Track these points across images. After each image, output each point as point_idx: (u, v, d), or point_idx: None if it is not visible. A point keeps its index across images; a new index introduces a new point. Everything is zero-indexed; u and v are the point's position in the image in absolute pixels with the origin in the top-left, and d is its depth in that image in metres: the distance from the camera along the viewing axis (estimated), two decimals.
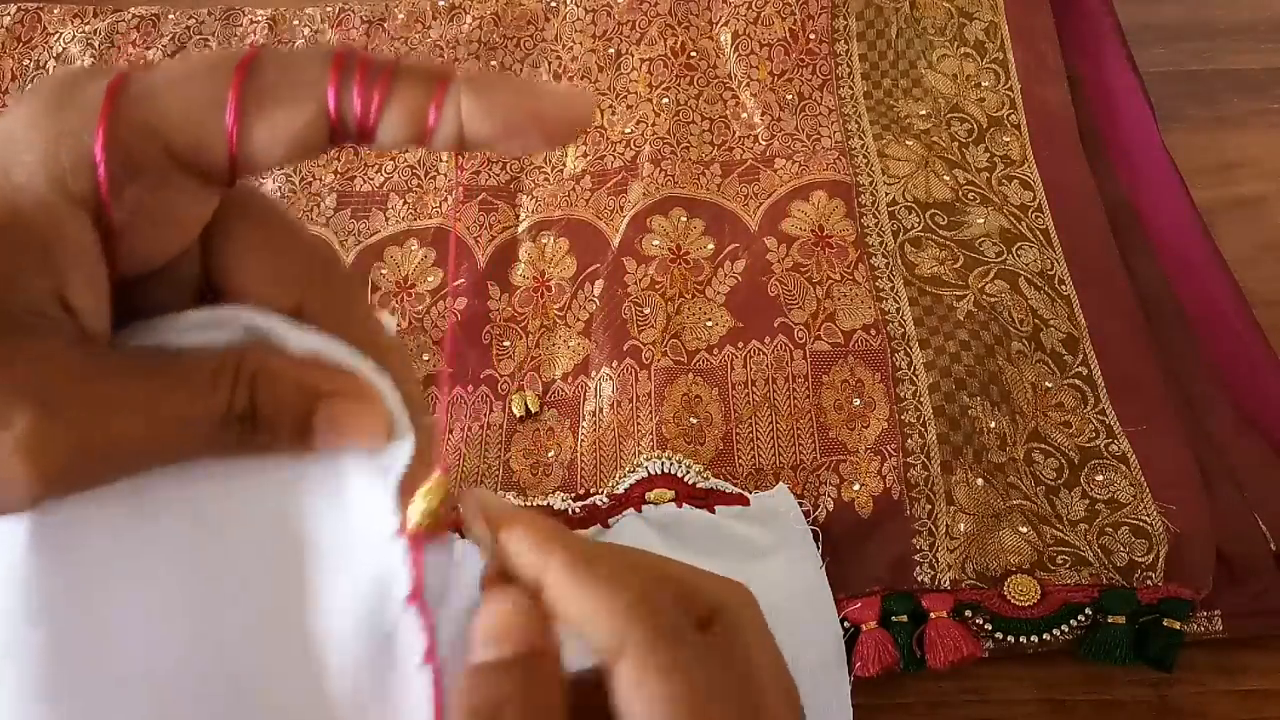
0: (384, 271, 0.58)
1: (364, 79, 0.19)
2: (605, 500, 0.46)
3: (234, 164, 0.19)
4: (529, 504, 0.47)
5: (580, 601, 0.22)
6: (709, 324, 0.53)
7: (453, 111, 0.19)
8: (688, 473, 0.47)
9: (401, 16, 0.72)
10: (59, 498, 0.19)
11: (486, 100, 0.19)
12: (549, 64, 0.68)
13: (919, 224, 0.56)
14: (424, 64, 0.20)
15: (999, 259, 0.54)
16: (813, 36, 0.66)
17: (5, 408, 0.17)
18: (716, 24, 0.68)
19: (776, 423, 0.49)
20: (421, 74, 0.19)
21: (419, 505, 0.21)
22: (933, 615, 0.43)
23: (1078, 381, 0.50)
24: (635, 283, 0.55)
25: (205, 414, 0.19)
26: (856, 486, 0.46)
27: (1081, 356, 0.51)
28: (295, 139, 0.19)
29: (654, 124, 0.63)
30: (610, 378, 0.52)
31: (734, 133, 0.63)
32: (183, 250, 0.20)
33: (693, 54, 0.67)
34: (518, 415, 0.52)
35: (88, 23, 0.74)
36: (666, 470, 0.47)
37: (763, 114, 0.63)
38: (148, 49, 0.72)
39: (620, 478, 0.48)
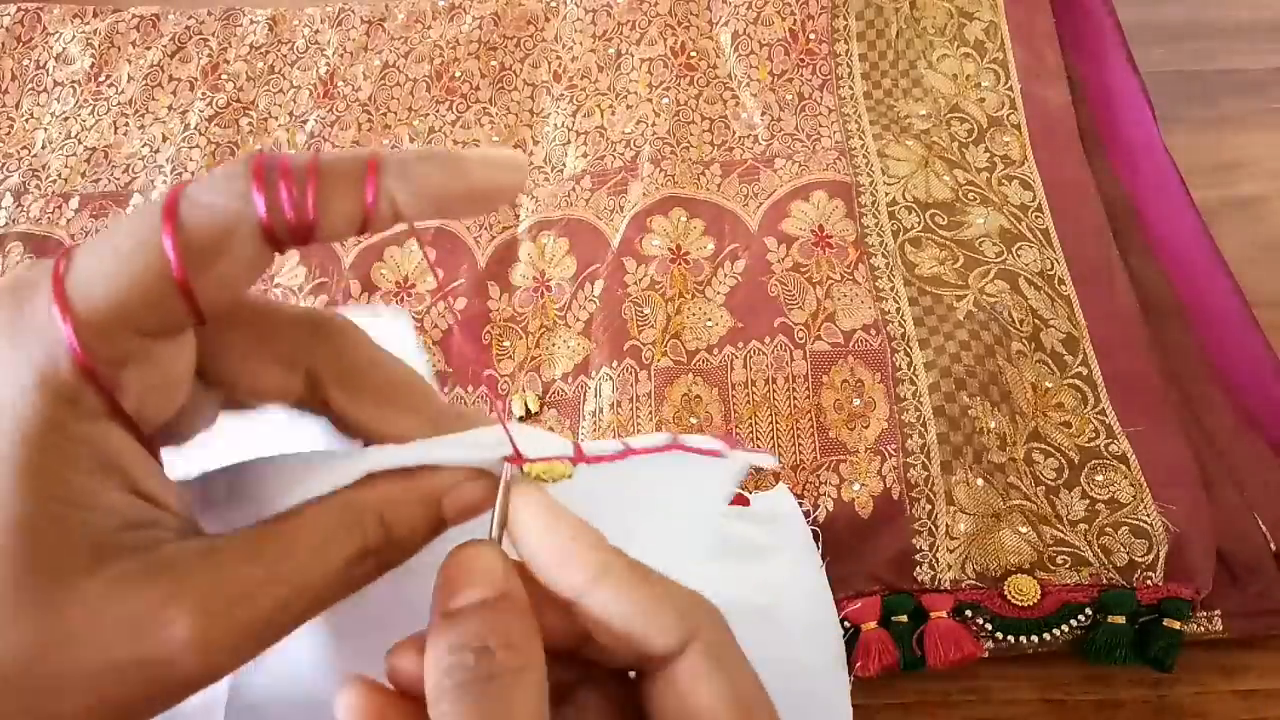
0: (384, 272, 0.58)
1: (289, 184, 0.19)
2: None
3: (200, 319, 0.20)
4: None
5: (649, 588, 0.21)
6: (709, 324, 0.53)
7: (386, 206, 0.20)
8: None
9: (401, 16, 0.72)
10: (231, 672, 0.20)
11: (415, 183, 0.20)
12: (549, 64, 0.68)
13: (919, 224, 0.56)
14: (345, 155, 0.20)
15: (999, 259, 0.54)
16: (813, 36, 0.66)
17: (163, 614, 0.18)
18: (716, 24, 0.68)
19: (776, 423, 0.49)
20: (346, 165, 0.20)
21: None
22: (933, 615, 0.43)
23: (1077, 381, 0.50)
24: (635, 283, 0.55)
25: (342, 562, 0.20)
26: (856, 486, 0.46)
27: (1081, 356, 0.51)
28: (243, 275, 0.20)
29: (654, 124, 0.63)
30: (610, 378, 0.52)
31: (734, 133, 0.63)
32: (187, 395, 0.21)
33: (693, 54, 0.67)
34: (518, 415, 0.52)
35: (88, 23, 0.74)
36: None
37: (763, 114, 0.63)
38: (148, 49, 0.72)
39: None
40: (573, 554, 0.21)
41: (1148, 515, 0.45)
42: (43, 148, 0.67)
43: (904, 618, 0.43)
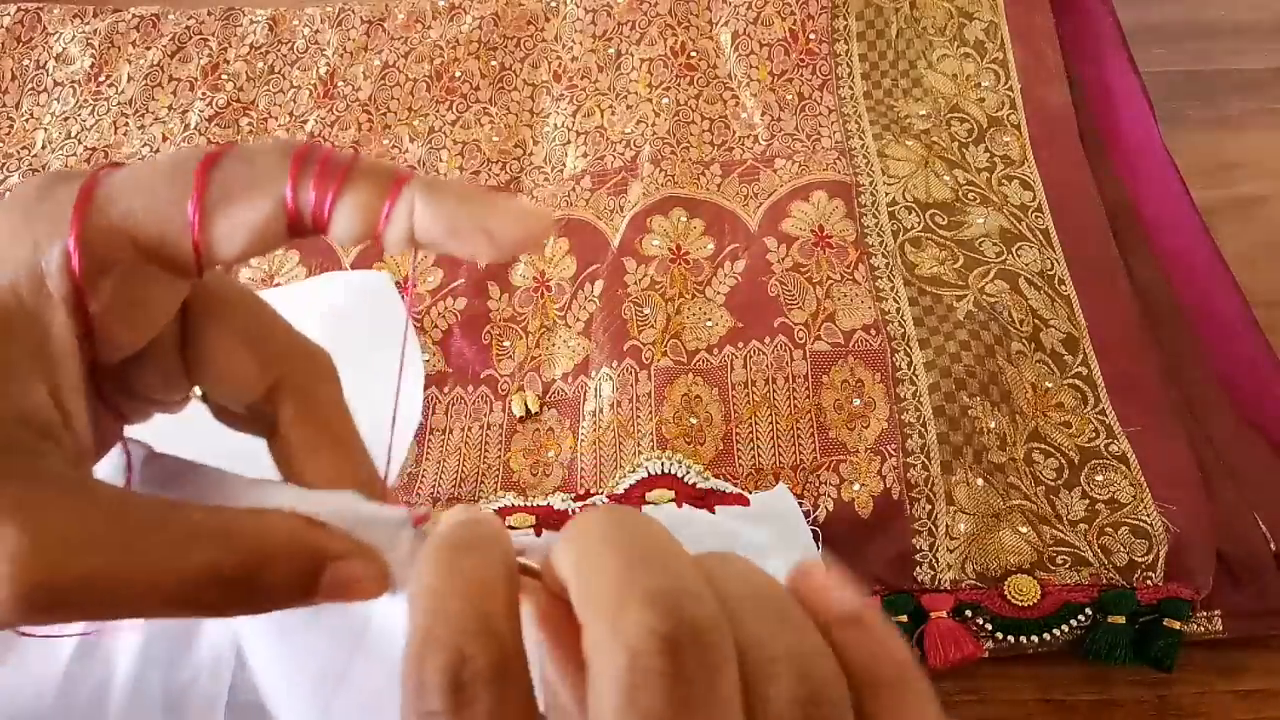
0: (384, 271, 0.58)
1: (321, 175, 0.20)
2: (605, 500, 0.46)
3: (199, 257, 0.20)
4: (529, 504, 0.47)
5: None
6: (709, 324, 0.53)
7: (405, 211, 0.20)
8: (688, 473, 0.47)
9: (401, 16, 0.72)
10: (30, 624, 0.19)
11: (438, 205, 0.20)
12: (549, 64, 0.68)
13: (919, 224, 0.56)
14: (383, 165, 0.20)
15: (999, 259, 0.54)
16: (813, 36, 0.66)
17: None
18: (716, 24, 0.68)
19: (776, 423, 0.49)
20: (379, 175, 0.20)
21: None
22: (933, 615, 0.43)
23: (1077, 381, 0.50)
24: (635, 283, 0.55)
25: (193, 571, 0.19)
26: (856, 486, 0.46)
27: (1081, 356, 0.51)
28: (255, 232, 0.20)
29: (654, 124, 0.63)
30: (610, 378, 0.52)
31: (734, 133, 0.63)
32: (156, 334, 0.21)
33: (693, 54, 0.67)
34: (518, 415, 0.52)
35: (88, 23, 0.74)
36: (666, 470, 0.47)
37: (763, 114, 0.63)
38: (148, 49, 0.72)
39: (620, 478, 0.48)
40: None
41: (1148, 515, 0.45)
42: (43, 148, 0.67)
43: (904, 618, 0.43)
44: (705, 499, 0.46)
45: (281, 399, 0.22)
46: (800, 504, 0.46)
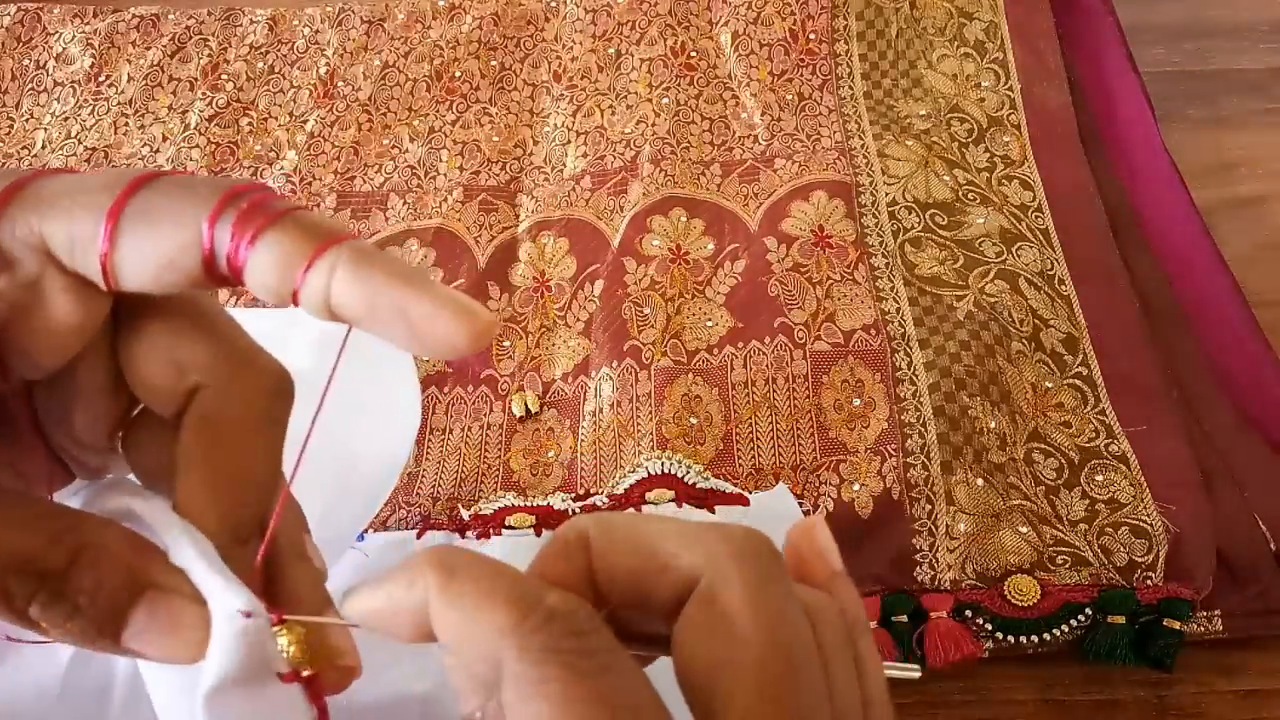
0: None
1: (244, 216, 0.18)
2: (605, 500, 0.46)
3: (107, 275, 0.19)
4: (529, 504, 0.47)
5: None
6: (709, 324, 0.53)
7: (323, 274, 0.18)
8: (688, 473, 0.47)
9: (401, 16, 0.72)
10: None
11: (361, 277, 0.18)
12: (549, 64, 0.68)
13: (919, 224, 0.56)
14: (321, 222, 0.19)
15: (999, 259, 0.54)
16: (813, 36, 0.66)
17: None
18: (716, 24, 0.68)
19: (776, 423, 0.49)
20: (309, 229, 0.18)
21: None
22: (933, 615, 0.43)
23: (1078, 381, 0.50)
24: (635, 283, 0.55)
25: (8, 554, 0.18)
26: (856, 486, 0.46)
27: (1081, 356, 0.51)
28: (165, 262, 0.19)
29: (654, 124, 0.63)
30: (610, 378, 0.52)
31: (734, 133, 0.63)
32: (75, 353, 0.20)
33: (693, 54, 0.67)
34: (518, 415, 0.52)
35: (88, 23, 0.74)
36: (666, 470, 0.47)
37: (763, 114, 0.63)
38: (148, 49, 0.72)
39: (620, 478, 0.48)
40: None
41: (1148, 515, 0.45)
42: (43, 148, 0.67)
43: (904, 618, 0.43)
44: (705, 499, 0.46)
45: (190, 407, 0.21)
46: (800, 504, 0.46)
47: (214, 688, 0.19)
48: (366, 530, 0.45)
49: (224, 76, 0.70)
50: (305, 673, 0.20)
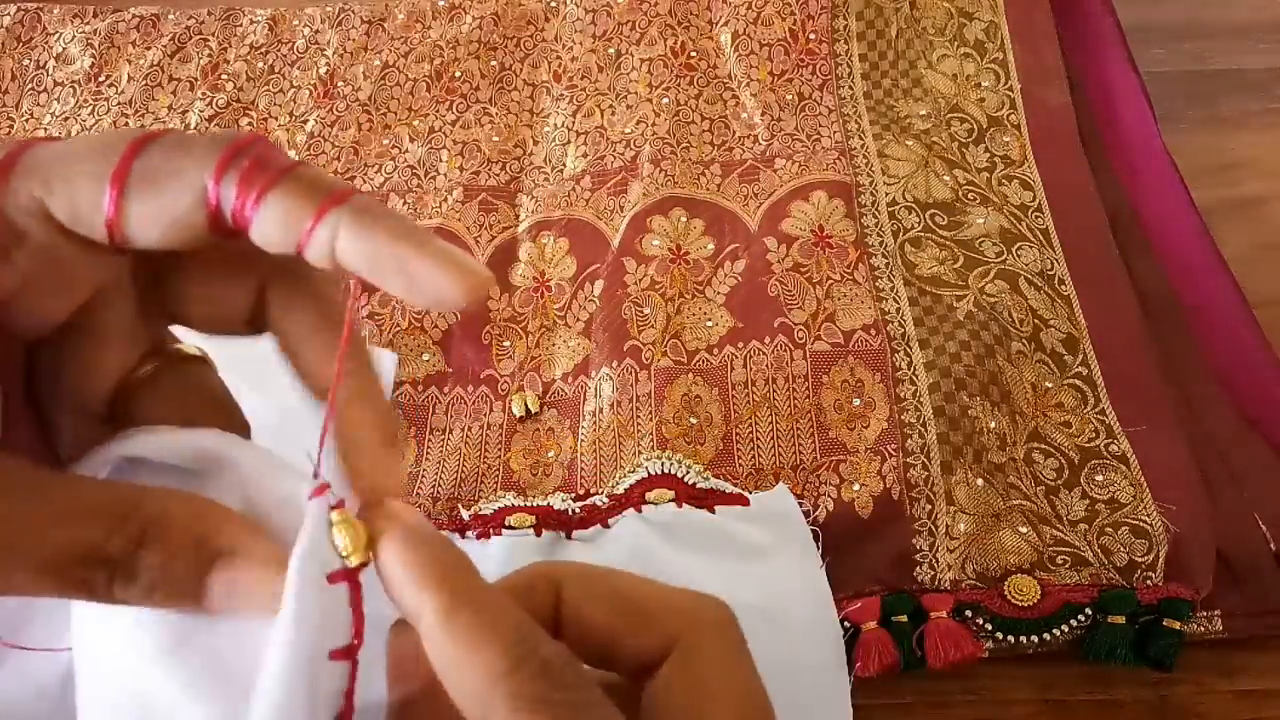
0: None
1: (249, 173, 0.19)
2: (605, 500, 0.46)
3: (114, 237, 0.19)
4: (529, 504, 0.47)
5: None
6: (709, 324, 0.53)
7: (329, 230, 0.19)
8: (688, 473, 0.47)
9: (401, 16, 0.72)
10: None
11: (364, 233, 0.19)
12: (549, 64, 0.68)
13: (919, 224, 0.56)
14: (323, 178, 0.19)
15: (999, 259, 0.54)
16: (813, 36, 0.66)
17: None
18: (716, 24, 0.68)
19: (776, 423, 0.49)
20: (313, 186, 0.19)
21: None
22: (933, 615, 0.43)
23: (1077, 381, 0.50)
24: (635, 283, 0.55)
25: (72, 548, 0.18)
26: (856, 486, 0.46)
27: (1081, 356, 0.51)
28: (173, 221, 0.19)
29: (654, 124, 0.63)
30: (610, 378, 0.52)
31: (734, 133, 0.63)
32: (84, 299, 0.20)
33: (693, 54, 0.67)
34: (518, 415, 0.52)
35: (88, 23, 0.74)
36: (666, 470, 0.47)
37: (763, 114, 0.63)
38: (148, 49, 0.72)
39: (620, 478, 0.48)
40: (401, 585, 0.20)
41: (1148, 515, 0.45)
42: None
43: (904, 618, 0.43)
44: (705, 499, 0.46)
45: (271, 296, 0.21)
46: (800, 504, 0.46)
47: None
48: None
49: (224, 76, 0.70)
50: (355, 562, 0.20)
